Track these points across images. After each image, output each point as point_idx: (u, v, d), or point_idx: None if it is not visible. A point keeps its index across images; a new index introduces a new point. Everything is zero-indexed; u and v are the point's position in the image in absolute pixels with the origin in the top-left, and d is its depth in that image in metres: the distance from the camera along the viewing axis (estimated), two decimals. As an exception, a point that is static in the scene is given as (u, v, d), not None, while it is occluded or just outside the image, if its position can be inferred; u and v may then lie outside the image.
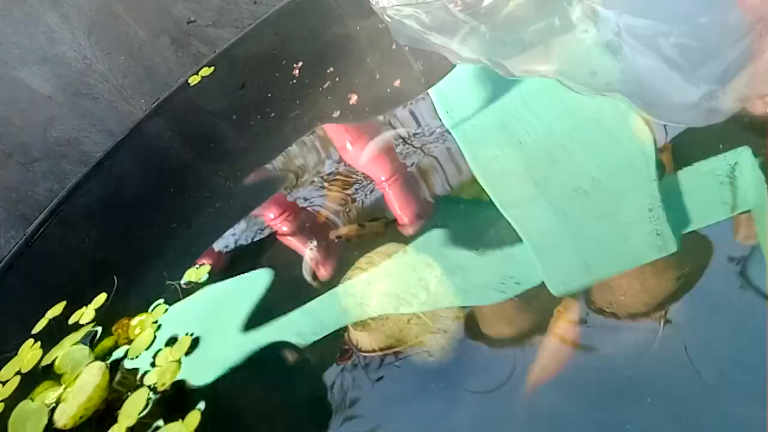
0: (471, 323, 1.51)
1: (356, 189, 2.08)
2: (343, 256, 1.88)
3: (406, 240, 1.80)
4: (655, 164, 1.55)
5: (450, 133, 2.03)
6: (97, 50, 3.19)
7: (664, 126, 1.61)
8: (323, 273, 1.88)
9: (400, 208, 1.91)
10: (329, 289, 1.80)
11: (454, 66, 2.15)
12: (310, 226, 2.08)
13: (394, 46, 2.45)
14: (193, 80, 3.36)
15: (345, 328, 1.66)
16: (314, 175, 2.29)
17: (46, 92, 3.10)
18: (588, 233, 1.55)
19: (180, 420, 1.64)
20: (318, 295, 1.80)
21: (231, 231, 2.29)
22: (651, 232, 1.43)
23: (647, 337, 1.24)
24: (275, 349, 1.77)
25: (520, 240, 1.61)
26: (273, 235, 2.16)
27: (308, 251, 1.99)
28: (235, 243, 2.23)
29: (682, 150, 1.55)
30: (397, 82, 2.41)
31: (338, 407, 1.48)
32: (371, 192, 2.02)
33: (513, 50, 1.78)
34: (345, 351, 1.59)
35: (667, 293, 1.30)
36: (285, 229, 2.13)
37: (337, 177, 2.19)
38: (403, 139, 2.16)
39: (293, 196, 2.25)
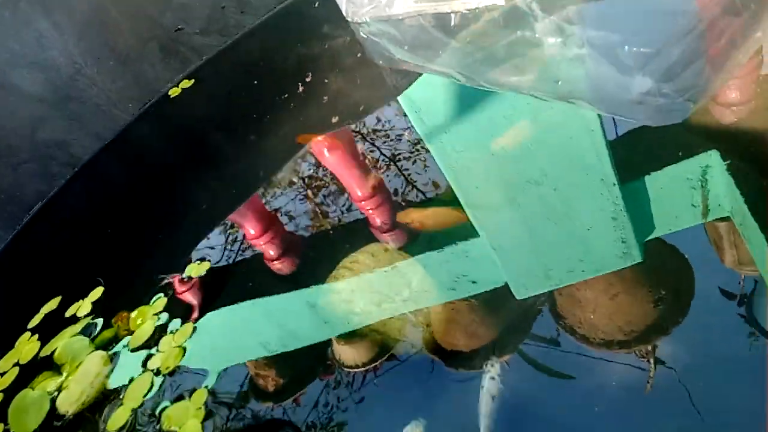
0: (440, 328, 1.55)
1: (335, 195, 2.15)
2: (328, 257, 1.92)
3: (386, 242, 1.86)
4: (613, 167, 1.59)
5: (421, 139, 2.10)
6: (86, 55, 3.19)
7: (629, 131, 1.68)
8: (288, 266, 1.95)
9: (376, 215, 1.96)
10: (313, 287, 1.86)
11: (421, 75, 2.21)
12: (292, 233, 2.14)
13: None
14: (174, 92, 3.37)
15: (328, 341, 1.69)
16: (295, 181, 2.36)
17: (36, 95, 3.10)
18: (546, 236, 1.60)
19: (187, 398, 1.69)
20: (299, 298, 1.86)
21: (216, 234, 2.34)
22: (615, 239, 1.47)
23: (635, 377, 1.22)
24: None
25: (479, 239, 1.67)
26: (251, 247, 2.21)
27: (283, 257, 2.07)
28: (219, 247, 2.26)
29: (648, 155, 1.61)
30: (373, 94, 2.48)
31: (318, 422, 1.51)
32: (347, 198, 2.09)
33: (484, 65, 1.83)
34: (328, 366, 1.62)
35: (644, 318, 1.30)
36: (263, 244, 2.17)
37: (318, 184, 2.26)
38: (375, 146, 2.24)
39: (274, 203, 2.32)
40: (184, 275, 2.11)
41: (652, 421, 1.15)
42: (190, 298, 2.06)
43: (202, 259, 2.17)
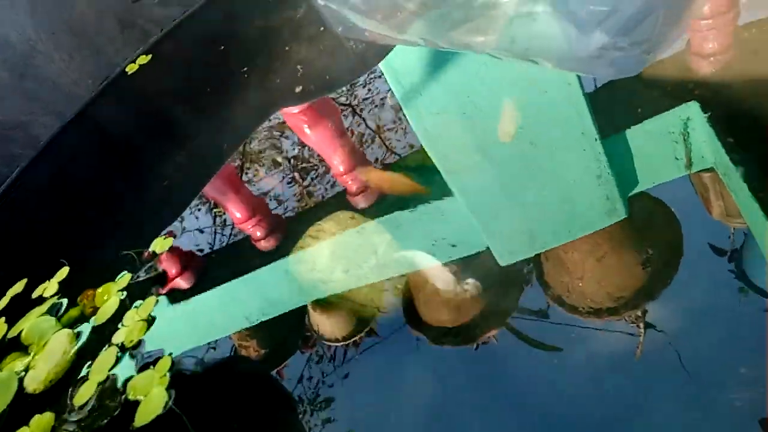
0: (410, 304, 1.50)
1: (319, 173, 2.08)
2: (294, 227, 1.90)
3: (356, 209, 1.81)
4: (594, 122, 1.54)
5: (401, 105, 2.04)
6: (41, 31, 3.10)
7: (605, 86, 1.62)
8: (272, 244, 1.90)
9: (355, 184, 1.90)
10: (278, 260, 1.82)
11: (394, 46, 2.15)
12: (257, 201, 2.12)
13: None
14: (131, 68, 3.29)
15: (303, 310, 1.66)
16: (267, 156, 2.31)
17: None
18: (528, 196, 1.55)
19: (151, 367, 1.68)
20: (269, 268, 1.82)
21: (185, 211, 2.30)
22: (600, 196, 1.42)
23: (625, 344, 1.17)
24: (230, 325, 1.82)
25: (458, 202, 1.62)
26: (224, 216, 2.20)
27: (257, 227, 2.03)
28: (189, 222, 2.25)
29: (628, 109, 1.54)
30: (338, 63, 2.41)
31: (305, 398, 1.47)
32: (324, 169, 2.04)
33: (443, 29, 1.75)
34: (307, 338, 1.58)
35: (633, 282, 1.25)
36: (239, 215, 2.14)
37: (301, 162, 2.19)
38: (356, 113, 2.17)
39: (251, 179, 2.27)
40: (149, 250, 2.10)
41: (643, 387, 1.10)
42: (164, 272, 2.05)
43: (168, 234, 2.16)
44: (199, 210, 2.31)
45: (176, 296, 1.94)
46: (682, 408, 1.04)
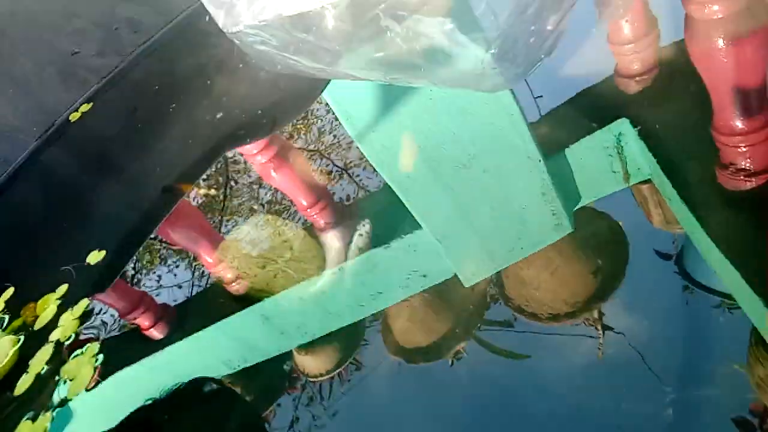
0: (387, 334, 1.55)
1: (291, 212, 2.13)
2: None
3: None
4: (537, 145, 1.62)
5: (356, 142, 2.11)
6: (-16, 85, 3.12)
7: (543, 112, 1.73)
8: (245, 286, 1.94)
9: (320, 217, 1.96)
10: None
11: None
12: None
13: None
14: (74, 117, 3.28)
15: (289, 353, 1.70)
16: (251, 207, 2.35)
17: None
18: (484, 219, 1.62)
19: (81, 352, 1.88)
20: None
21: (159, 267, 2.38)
22: (546, 213, 1.50)
23: (588, 347, 1.22)
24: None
25: (423, 231, 1.67)
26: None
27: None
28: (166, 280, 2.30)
29: (565, 130, 1.65)
30: (281, 85, 2.48)
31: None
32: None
33: (346, 59, 1.88)
34: (294, 379, 1.61)
35: (586, 288, 1.33)
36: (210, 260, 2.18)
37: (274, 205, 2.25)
38: (324, 156, 2.25)
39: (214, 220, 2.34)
40: (86, 262, 2.21)
41: (608, 385, 1.17)
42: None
43: (100, 248, 2.25)
44: (177, 266, 2.34)
45: (152, 347, 1.96)
46: (654, 406, 1.10)
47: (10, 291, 2.30)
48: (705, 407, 1.07)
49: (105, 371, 1.87)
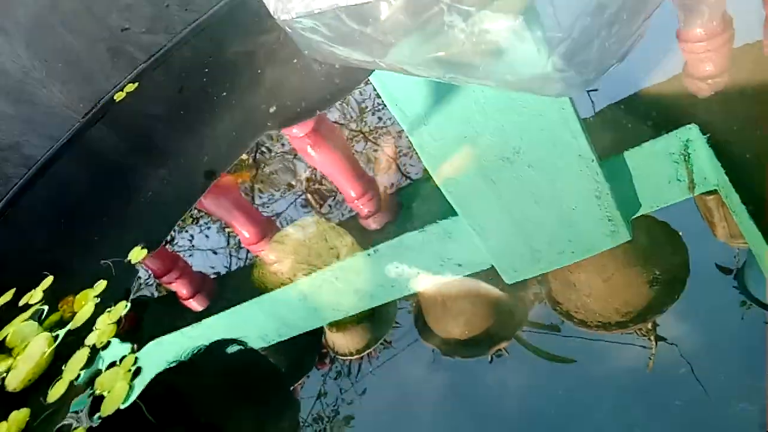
0: (420, 318, 1.49)
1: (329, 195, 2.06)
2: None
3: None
4: (590, 144, 1.52)
5: (407, 133, 2.01)
6: (35, 59, 3.09)
7: (602, 111, 1.60)
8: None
9: (366, 207, 1.88)
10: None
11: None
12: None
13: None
14: (119, 96, 3.28)
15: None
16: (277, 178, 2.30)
17: None
18: (528, 216, 1.52)
19: (117, 364, 1.80)
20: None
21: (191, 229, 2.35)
22: (601, 218, 1.39)
23: (637, 357, 1.15)
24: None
25: (463, 222, 1.60)
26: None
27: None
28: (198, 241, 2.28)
29: (624, 132, 1.53)
30: (337, 80, 2.39)
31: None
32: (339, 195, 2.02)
33: (401, 53, 1.79)
34: (323, 355, 1.57)
35: (640, 299, 1.24)
36: (247, 235, 2.14)
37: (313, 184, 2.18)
38: (368, 140, 2.16)
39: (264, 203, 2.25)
40: (126, 260, 2.18)
41: (656, 398, 1.09)
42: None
43: (144, 246, 2.22)
44: (209, 229, 2.33)
45: (188, 319, 1.95)
46: (701, 420, 1.03)
47: (50, 280, 2.28)
48: (753, 425, 0.99)
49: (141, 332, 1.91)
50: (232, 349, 1.76)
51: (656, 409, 1.07)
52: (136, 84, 3.31)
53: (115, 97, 3.29)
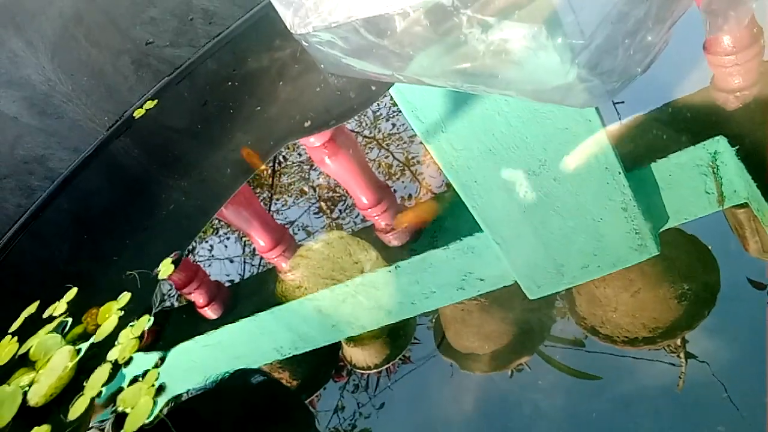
0: (440, 334, 1.44)
1: (341, 201, 2.04)
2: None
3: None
4: (617, 156, 1.47)
5: (414, 131, 2.00)
6: (60, 72, 3.08)
7: (625, 122, 1.56)
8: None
9: (382, 219, 1.84)
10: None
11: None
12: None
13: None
14: (141, 111, 3.25)
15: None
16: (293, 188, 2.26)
17: (12, 113, 2.99)
18: (552, 229, 1.47)
19: (140, 380, 1.76)
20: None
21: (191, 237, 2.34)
22: (628, 231, 1.34)
23: (666, 374, 1.09)
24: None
25: (483, 234, 1.55)
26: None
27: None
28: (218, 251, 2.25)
29: (651, 144, 1.48)
30: (352, 94, 2.36)
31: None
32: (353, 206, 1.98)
33: (420, 65, 1.75)
34: (340, 368, 1.53)
35: (669, 315, 1.18)
36: (262, 244, 2.10)
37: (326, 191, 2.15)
38: (382, 147, 2.13)
39: (280, 212, 2.21)
40: (154, 272, 2.13)
41: (688, 418, 1.03)
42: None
43: (173, 260, 2.16)
44: (228, 239, 2.30)
45: (204, 327, 1.92)
46: None
47: (74, 292, 2.24)
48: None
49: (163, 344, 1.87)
50: (253, 361, 1.73)
51: (684, 427, 1.02)
52: (156, 101, 3.28)
53: (139, 109, 3.26)
